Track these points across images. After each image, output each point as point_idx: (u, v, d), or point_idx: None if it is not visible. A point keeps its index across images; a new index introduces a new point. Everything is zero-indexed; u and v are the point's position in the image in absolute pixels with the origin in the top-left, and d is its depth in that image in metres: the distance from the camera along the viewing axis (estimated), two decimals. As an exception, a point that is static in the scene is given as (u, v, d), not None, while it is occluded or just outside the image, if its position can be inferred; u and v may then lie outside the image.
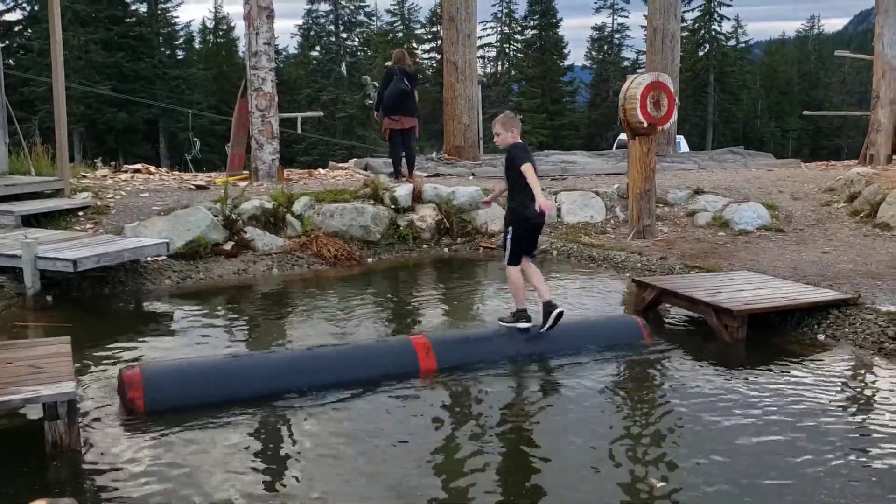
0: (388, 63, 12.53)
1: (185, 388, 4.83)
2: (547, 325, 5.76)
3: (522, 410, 4.90)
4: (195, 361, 5.34)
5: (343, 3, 52.22)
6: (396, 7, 56.06)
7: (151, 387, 4.71)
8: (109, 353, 5.88)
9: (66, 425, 4.13)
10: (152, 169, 14.08)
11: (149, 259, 8.25)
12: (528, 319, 5.82)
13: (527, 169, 5.53)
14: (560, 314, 5.75)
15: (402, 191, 10.27)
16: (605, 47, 58.58)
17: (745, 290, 6.74)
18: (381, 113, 11.78)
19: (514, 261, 5.82)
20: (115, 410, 4.74)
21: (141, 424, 4.53)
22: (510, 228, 5.79)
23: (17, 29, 43.47)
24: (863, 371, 5.66)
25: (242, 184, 11.35)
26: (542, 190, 5.62)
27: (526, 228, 5.76)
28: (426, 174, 12.65)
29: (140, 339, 6.24)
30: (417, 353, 5.41)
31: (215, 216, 9.02)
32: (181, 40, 51.47)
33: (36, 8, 40.80)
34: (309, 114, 20.39)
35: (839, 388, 5.26)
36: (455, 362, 5.47)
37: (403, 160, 11.74)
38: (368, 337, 6.24)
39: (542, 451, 4.30)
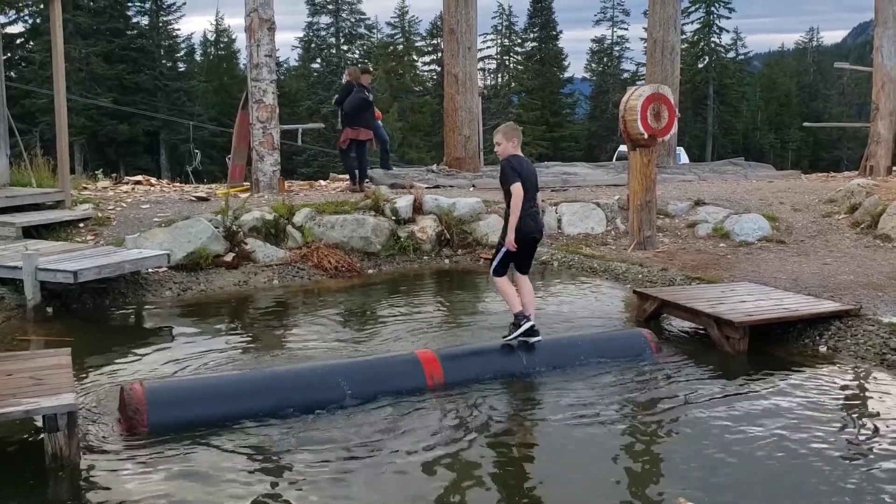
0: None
1: (189, 407, 4.75)
2: (512, 336, 5.69)
3: (531, 425, 4.87)
4: (198, 379, 5.28)
5: (344, 15, 52.45)
6: (397, 20, 56.29)
7: (155, 407, 4.61)
8: (110, 364, 5.87)
9: (66, 437, 4.11)
10: (153, 180, 14.11)
11: (149, 270, 8.24)
12: (529, 318, 5.73)
13: (514, 189, 5.50)
14: (537, 339, 5.72)
15: (403, 202, 10.28)
16: (605, 59, 58.76)
17: (747, 301, 6.73)
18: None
19: (500, 271, 5.76)
20: (115, 423, 4.72)
21: (142, 437, 4.50)
22: (505, 240, 5.68)
23: (19, 41, 43.59)
24: (865, 383, 5.64)
25: (243, 195, 11.36)
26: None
27: (522, 240, 5.65)
28: (427, 185, 12.66)
29: (140, 352, 6.22)
30: (423, 368, 5.36)
31: (216, 227, 9.02)
32: (182, 52, 51.61)
33: (38, 20, 40.93)
34: (310, 125, 20.40)
35: (843, 401, 5.24)
36: (462, 377, 5.43)
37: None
38: (372, 351, 6.19)
39: (555, 467, 4.25)
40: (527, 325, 5.70)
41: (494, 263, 5.77)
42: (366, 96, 12.17)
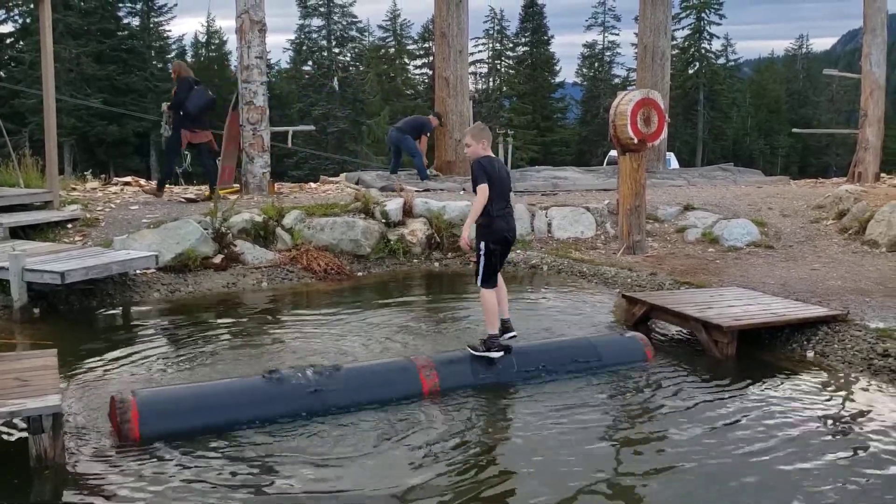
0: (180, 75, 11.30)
1: (182, 417, 4.67)
2: (478, 353, 5.62)
3: (524, 432, 4.81)
4: (190, 387, 5.19)
5: (335, 18, 52.40)
6: (388, 23, 56.33)
7: (147, 417, 4.53)
8: (97, 366, 5.82)
9: (51, 439, 4.08)
10: (142, 182, 14.05)
11: (137, 272, 8.20)
12: (500, 347, 5.63)
13: (480, 189, 5.43)
14: (512, 337, 5.68)
15: (393, 205, 10.27)
16: (596, 64, 58.99)
17: (735, 306, 6.75)
18: (171, 125, 11.05)
19: (488, 282, 5.61)
20: (101, 425, 4.68)
21: (130, 444, 4.45)
22: (482, 244, 5.57)
23: (8, 41, 43.41)
24: (852, 388, 5.65)
25: (232, 197, 11.32)
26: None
27: (497, 242, 5.57)
28: (417, 189, 12.66)
29: (127, 354, 6.18)
30: (420, 375, 5.32)
31: (205, 229, 8.99)
32: (173, 54, 51.49)
33: (28, 20, 40.76)
34: (300, 128, 20.45)
35: (830, 406, 5.24)
36: (457, 383, 5.39)
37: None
38: (365, 357, 6.11)
39: (548, 475, 4.22)
40: (496, 355, 5.60)
41: (481, 274, 5.61)
42: (212, 95, 11.25)
